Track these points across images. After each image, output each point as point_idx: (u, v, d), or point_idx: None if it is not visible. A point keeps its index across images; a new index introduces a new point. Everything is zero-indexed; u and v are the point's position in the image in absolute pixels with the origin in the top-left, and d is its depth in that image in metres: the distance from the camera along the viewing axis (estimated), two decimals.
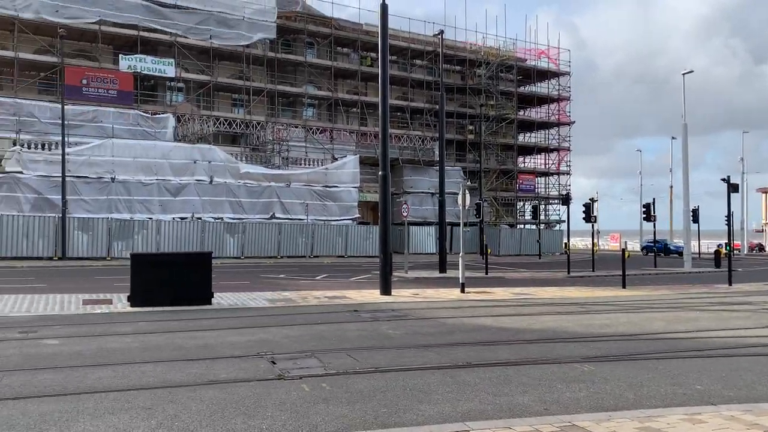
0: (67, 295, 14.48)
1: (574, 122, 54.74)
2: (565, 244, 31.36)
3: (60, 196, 29.25)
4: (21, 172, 30.95)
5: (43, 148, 32.78)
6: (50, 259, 28.71)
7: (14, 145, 32.23)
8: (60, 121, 30.03)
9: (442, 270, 25.54)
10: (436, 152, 38.40)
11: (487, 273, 25.46)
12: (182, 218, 33.77)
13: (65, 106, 30.65)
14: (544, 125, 55.27)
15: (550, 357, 8.44)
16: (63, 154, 29.55)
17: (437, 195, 30.07)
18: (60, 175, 29.42)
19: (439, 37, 30.24)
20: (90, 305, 13.01)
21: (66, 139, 29.91)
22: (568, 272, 26.78)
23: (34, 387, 6.40)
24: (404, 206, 27.01)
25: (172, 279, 13.00)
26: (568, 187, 53.48)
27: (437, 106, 34.96)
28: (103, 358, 7.86)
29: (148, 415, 5.51)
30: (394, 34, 41.13)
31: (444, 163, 28.31)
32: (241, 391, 6.41)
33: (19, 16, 34.49)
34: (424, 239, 41.50)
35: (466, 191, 19.24)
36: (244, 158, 39.37)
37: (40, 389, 6.32)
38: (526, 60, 53.21)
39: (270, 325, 10.89)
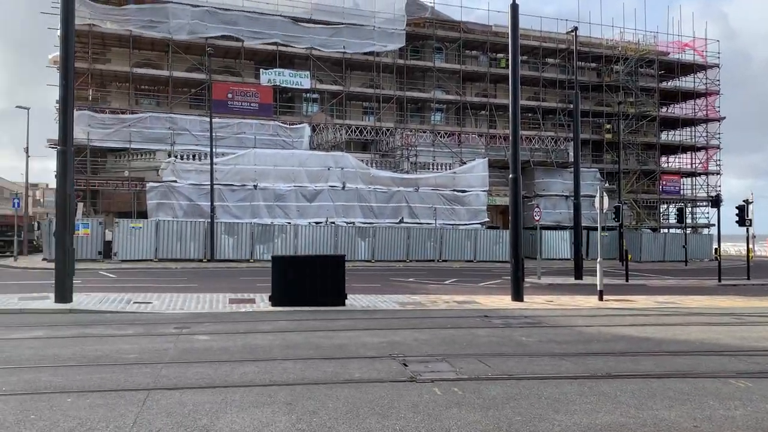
0: (215, 294, 15.58)
1: (724, 118, 50.41)
2: (716, 249, 28.89)
3: (209, 203, 31.59)
4: (175, 181, 33.81)
5: (193, 158, 35.62)
6: (200, 260, 31.05)
7: (169, 156, 35.31)
8: (208, 133, 32.49)
9: (578, 276, 24.53)
10: (570, 153, 37.00)
11: (627, 280, 24.10)
12: (317, 222, 35.18)
13: (213, 119, 33.10)
14: (690, 122, 51.38)
15: (699, 370, 7.82)
16: (211, 164, 31.90)
17: (572, 198, 28.93)
18: (209, 183, 31.78)
19: (573, 33, 29.17)
20: (235, 304, 13.90)
21: (213, 149, 32.27)
22: (719, 280, 24.67)
23: (188, 379, 6.93)
24: (536, 210, 26.27)
25: (309, 280, 13.58)
26: (718, 188, 49.30)
27: (571, 105, 33.70)
28: (248, 354, 8.37)
29: (289, 410, 5.78)
30: (524, 34, 40.20)
31: (579, 164, 27.21)
32: (374, 391, 6.54)
33: (173, 38, 37.76)
34: (558, 244, 40.09)
35: (604, 194, 18.34)
36: (374, 164, 40.30)
37: (193, 381, 6.84)
38: (668, 53, 49.81)
39: (401, 328, 11.03)
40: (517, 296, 16.02)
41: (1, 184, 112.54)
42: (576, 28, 29.05)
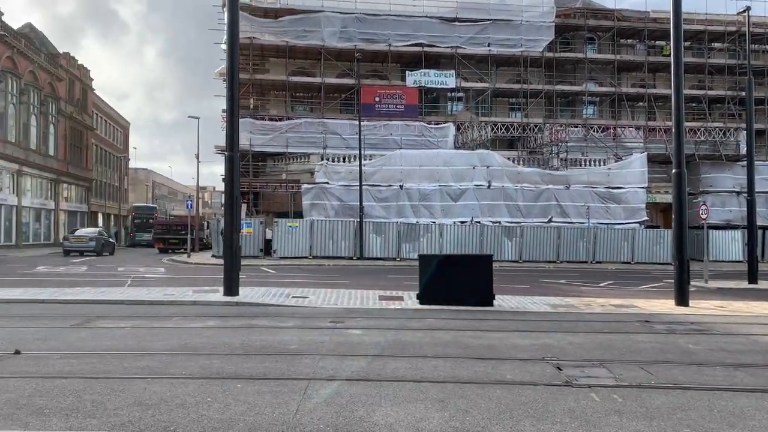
0: (365, 291, 16.09)
1: None
2: None
3: (358, 203, 32.72)
4: (327, 183, 35.42)
5: (344, 160, 37.09)
6: (350, 258, 32.27)
7: (322, 159, 37.07)
8: (357, 136, 33.66)
9: (752, 280, 22.26)
10: (742, 145, 33.64)
11: None
12: (462, 222, 35.10)
13: (361, 122, 34.23)
14: None
15: None
16: (360, 166, 33.03)
17: (744, 194, 26.30)
18: (358, 184, 32.93)
19: (745, 14, 26.48)
20: (385, 301, 14.25)
21: (362, 151, 33.36)
22: None
23: (344, 371, 7.21)
24: (702, 207, 24.19)
25: (457, 280, 13.58)
26: None
27: (743, 93, 30.63)
28: (399, 350, 8.53)
29: (441, 407, 5.81)
30: (687, 18, 37.27)
31: (753, 157, 24.67)
32: (527, 393, 6.39)
33: (325, 45, 39.58)
34: (727, 245, 36.63)
35: None
36: (521, 161, 39.42)
37: (348, 373, 7.10)
38: None
39: (553, 331, 10.67)
40: (682, 301, 14.85)
41: (175, 187, 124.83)
42: (749, 8, 26.36)
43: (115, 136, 76.08)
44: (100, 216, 66.99)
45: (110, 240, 40.06)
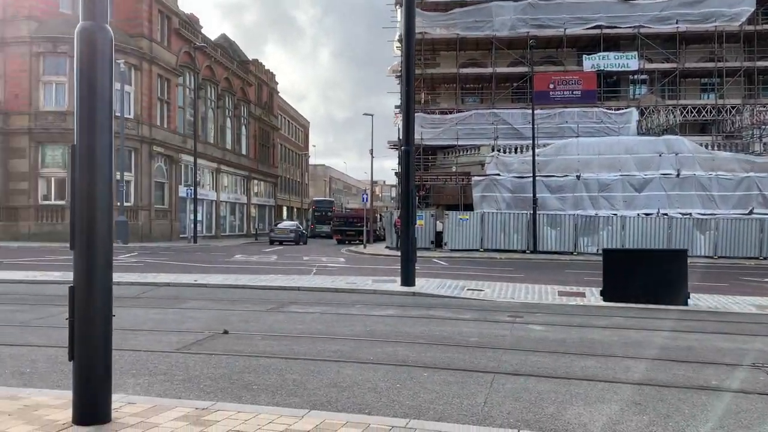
0: (542, 286, 15.62)
1: None
2: None
3: (531, 195, 31.87)
4: (498, 174, 34.94)
5: (516, 151, 36.33)
6: (523, 252, 31.55)
7: (493, 150, 36.64)
8: (530, 126, 32.77)
9: None
10: None
11: None
12: (647, 214, 32.73)
13: (534, 111, 33.25)
14: None
15: None
16: (533, 156, 32.11)
17: None
18: (531, 175, 32.07)
19: None
20: (565, 297, 13.72)
21: (535, 141, 32.41)
22: None
23: (529, 367, 7.04)
24: None
25: (645, 276, 12.66)
26: None
27: None
28: (586, 348, 8.15)
29: (639, 410, 5.44)
30: None
31: None
32: (738, 402, 5.76)
33: (496, 35, 38.99)
34: None
35: None
36: (715, 147, 35.80)
37: (533, 369, 6.92)
38: None
39: (762, 334, 9.56)
40: None
41: (349, 182, 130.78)
42: None
43: (297, 135, 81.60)
44: (284, 209, 72.44)
45: (304, 232, 44.04)
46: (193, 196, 38.25)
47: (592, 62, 38.10)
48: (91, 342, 4.73)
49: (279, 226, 43.50)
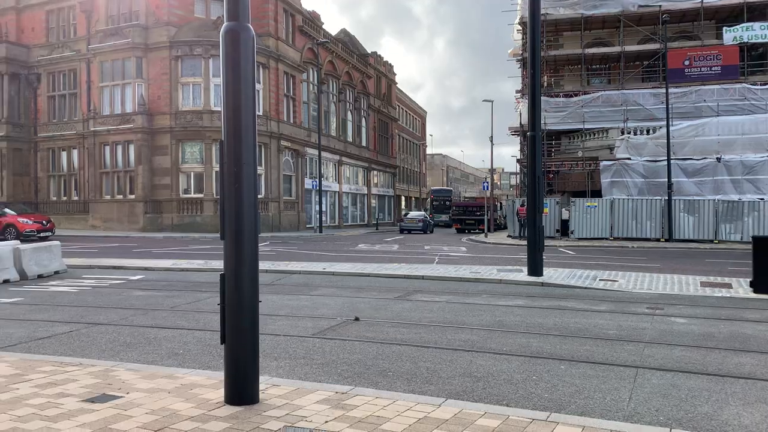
0: (682, 276, 14.61)
1: None
2: None
3: (665, 179, 29.89)
4: (629, 158, 33.08)
5: (647, 133, 34.20)
6: (657, 240, 29.71)
7: (622, 133, 34.73)
8: (663, 106, 30.69)
9: None
10: None
11: None
12: None
13: (668, 90, 31.08)
14: None
15: None
16: (668, 138, 30.06)
17: None
18: (665, 158, 30.06)
19: None
20: (708, 288, 12.75)
21: (670, 122, 30.32)
22: None
23: (675, 362, 6.61)
24: None
25: None
26: None
27: None
28: (738, 344, 7.52)
29: None
30: None
31: None
32: None
33: (624, 11, 36.82)
34: None
35: None
36: None
37: (680, 365, 6.48)
38: None
39: None
40: None
41: (466, 170, 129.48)
42: None
43: (414, 125, 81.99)
44: (402, 199, 73.18)
45: (431, 221, 45.45)
46: (317, 188, 39.61)
47: (733, 34, 34.94)
48: (240, 327, 5.00)
49: (408, 215, 45.44)
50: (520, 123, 40.17)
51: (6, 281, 13.79)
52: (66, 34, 38.85)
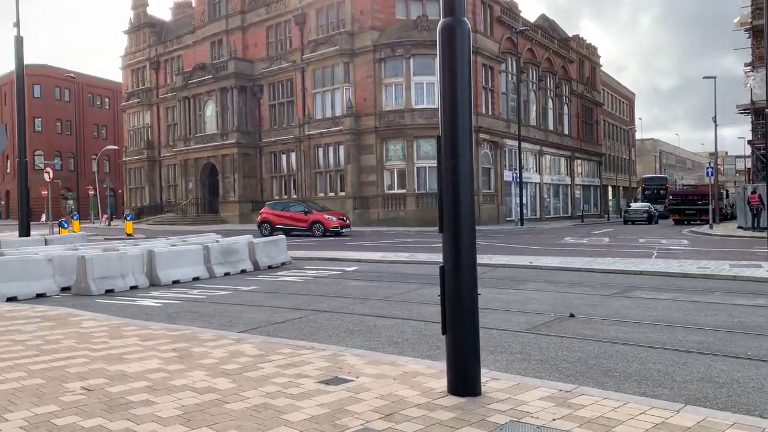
0: None
1: None
2: None
3: None
4: None
5: None
6: None
7: None
8: None
9: None
10: None
11: None
12: None
13: None
14: None
15: None
16: None
17: None
18: None
19: None
20: None
21: None
22: None
23: None
24: None
25: None
26: None
27: None
28: None
29: None
30: None
31: None
32: None
33: None
34: None
35: None
36: None
37: None
38: None
39: None
40: None
41: (682, 155, 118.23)
42: None
43: (621, 109, 76.85)
44: (609, 189, 69.00)
45: (655, 212, 44.78)
46: (518, 180, 38.94)
47: None
48: (461, 318, 5.05)
49: (632, 207, 47.14)
50: (751, 99, 35.60)
51: (243, 271, 15.54)
52: (283, 46, 42.72)
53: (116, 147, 56.73)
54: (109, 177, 59.17)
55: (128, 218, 34.88)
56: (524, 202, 41.25)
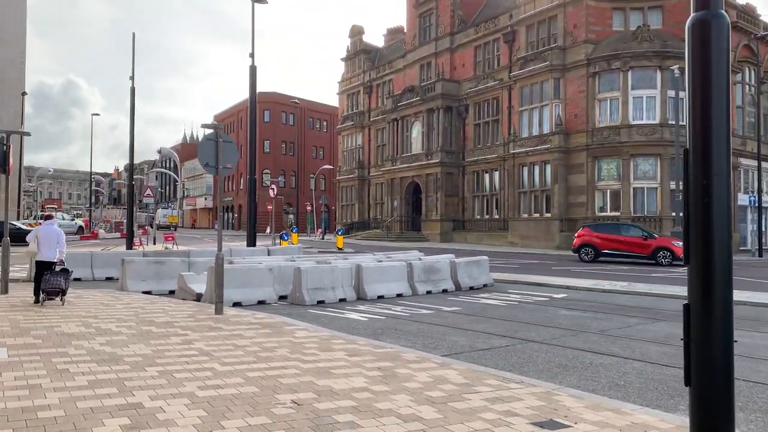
0: None
1: None
2: None
3: None
4: None
5: None
6: None
7: None
8: None
9: None
10: None
11: None
12: None
13: None
14: None
15: None
16: None
17: None
18: None
19: None
20: None
21: None
22: None
23: None
24: None
25: None
26: None
27: None
28: None
29: None
30: None
31: None
32: None
33: None
34: None
35: None
36: None
37: None
38: None
39: None
40: None
41: None
42: None
43: None
44: None
45: None
46: (755, 204, 34.13)
47: None
48: (711, 367, 4.16)
49: None
50: None
51: (444, 291, 15.36)
52: (490, 65, 42.52)
53: (331, 167, 60.93)
54: (324, 194, 63.74)
55: (339, 233, 37.05)
56: (763, 229, 36.05)
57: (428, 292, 14.86)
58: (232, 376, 6.17)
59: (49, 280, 11.03)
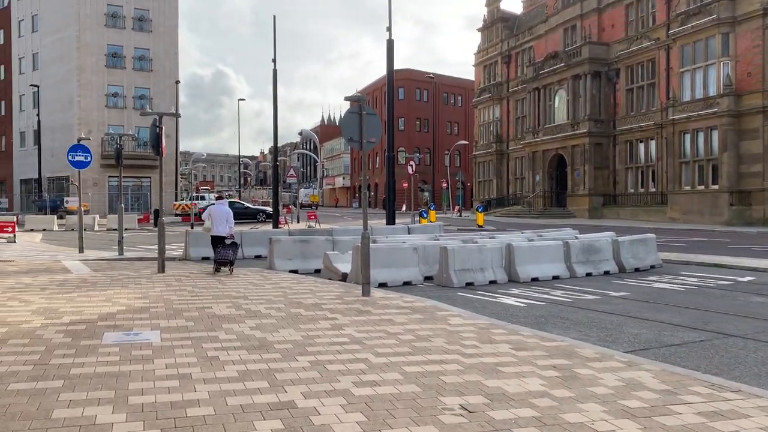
0: None
1: None
2: None
3: None
4: None
5: None
6: None
7: None
8: None
9: None
10: None
11: None
12: None
13: None
14: None
15: None
16: None
17: None
18: None
19: None
20: None
21: None
22: None
23: None
24: None
25: None
26: None
27: None
28: None
29: None
30: None
31: None
32: None
33: None
34: None
35: None
36: None
37: None
38: None
39: None
40: None
41: None
42: None
43: None
44: None
45: None
46: None
47: None
48: None
49: None
50: None
51: (606, 273, 13.89)
52: (644, 24, 38.80)
53: (467, 142, 59.42)
54: (460, 170, 62.50)
55: (479, 210, 35.82)
56: None
57: (588, 275, 13.49)
58: (388, 371, 5.51)
59: (219, 252, 12.75)
